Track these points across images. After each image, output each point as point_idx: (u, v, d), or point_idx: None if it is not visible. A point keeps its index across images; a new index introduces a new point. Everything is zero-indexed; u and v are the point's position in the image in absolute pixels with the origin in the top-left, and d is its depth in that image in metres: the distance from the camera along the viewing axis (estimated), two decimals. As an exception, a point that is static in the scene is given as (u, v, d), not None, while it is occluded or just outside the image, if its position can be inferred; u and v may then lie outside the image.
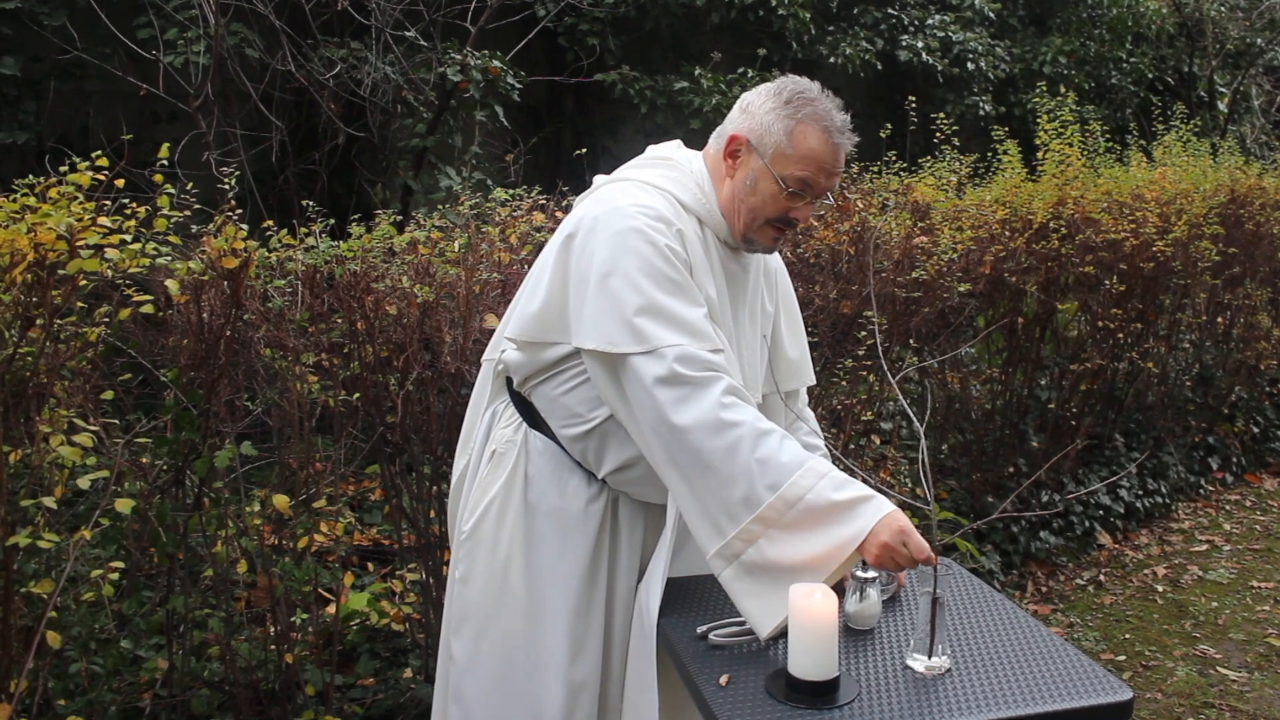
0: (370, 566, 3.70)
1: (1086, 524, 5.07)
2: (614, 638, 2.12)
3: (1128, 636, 4.25)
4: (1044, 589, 4.66)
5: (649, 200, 2.01)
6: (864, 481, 1.94)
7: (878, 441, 4.26)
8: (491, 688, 2.10)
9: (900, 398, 2.42)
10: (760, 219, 2.04)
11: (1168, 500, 5.61)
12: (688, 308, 1.92)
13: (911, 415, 2.03)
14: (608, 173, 2.29)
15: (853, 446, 3.97)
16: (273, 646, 2.86)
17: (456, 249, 3.12)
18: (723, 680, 1.85)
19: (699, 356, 1.87)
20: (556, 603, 2.06)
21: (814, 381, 2.39)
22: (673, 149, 2.23)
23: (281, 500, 2.70)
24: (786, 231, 2.08)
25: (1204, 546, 5.24)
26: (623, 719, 2.09)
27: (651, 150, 2.25)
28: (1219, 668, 3.98)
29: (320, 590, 3.03)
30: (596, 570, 2.08)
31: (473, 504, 2.15)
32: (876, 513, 1.83)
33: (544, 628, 2.06)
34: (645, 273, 1.91)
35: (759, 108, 2.04)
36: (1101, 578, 4.81)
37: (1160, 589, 4.72)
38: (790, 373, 2.28)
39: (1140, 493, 5.44)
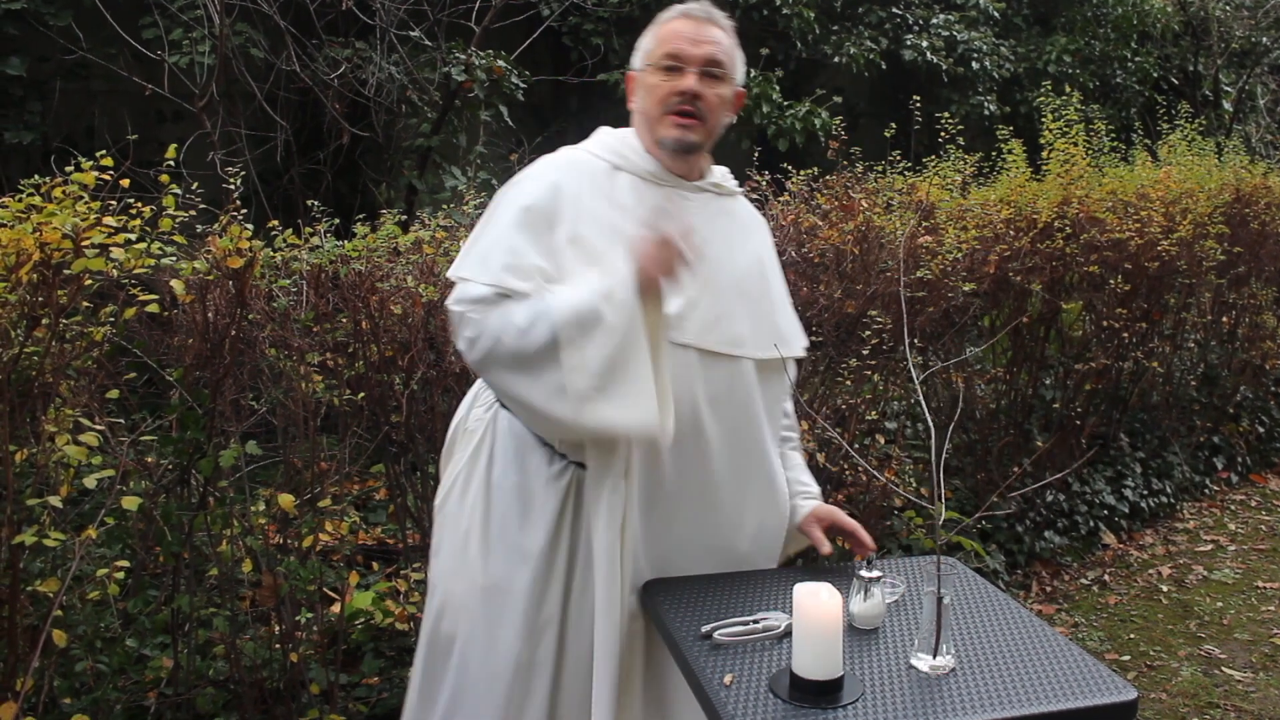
0: (375, 566, 3.70)
1: (1091, 524, 5.07)
2: (571, 620, 2.07)
3: (1132, 636, 4.25)
4: (1048, 589, 4.66)
5: (547, 160, 2.11)
6: (866, 478, 1.97)
7: (882, 441, 4.26)
8: (454, 660, 2.10)
9: (922, 400, 2.41)
10: (655, 114, 2.06)
11: (1173, 500, 5.60)
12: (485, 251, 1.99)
13: (928, 417, 2.04)
14: None
15: (857, 446, 3.97)
16: (278, 645, 2.86)
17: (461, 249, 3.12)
18: (726, 680, 1.86)
19: (471, 293, 1.95)
20: (513, 581, 2.04)
21: (797, 354, 2.28)
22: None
23: (287, 499, 2.70)
24: (688, 120, 2.05)
25: (1209, 546, 5.23)
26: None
27: None
28: (1224, 668, 3.98)
29: (325, 589, 3.03)
30: (556, 550, 2.05)
31: (443, 479, 2.19)
32: (622, 269, 1.90)
33: (498, 604, 2.05)
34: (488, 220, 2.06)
35: (641, 44, 2.13)
36: (1106, 577, 4.80)
37: (1165, 589, 4.71)
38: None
39: (1145, 492, 5.43)
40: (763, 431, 2.16)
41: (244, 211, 2.67)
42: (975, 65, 8.39)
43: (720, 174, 2.21)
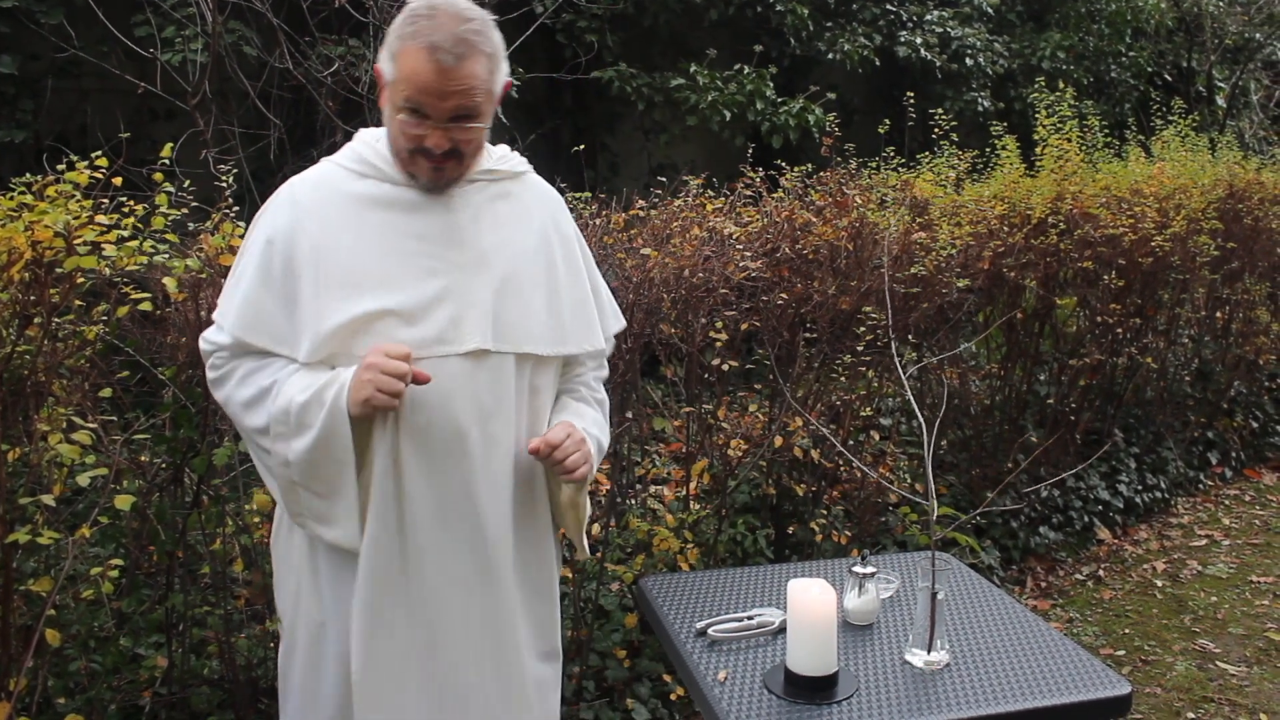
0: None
1: (1086, 519, 5.07)
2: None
3: (1127, 631, 4.25)
4: (1043, 584, 4.66)
5: (293, 184, 1.94)
6: (860, 474, 1.94)
7: (877, 437, 4.26)
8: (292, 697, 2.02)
9: (910, 397, 2.40)
10: (403, 152, 1.85)
11: (1167, 495, 5.61)
12: (231, 293, 1.90)
13: (918, 412, 2.03)
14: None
15: (852, 442, 3.98)
16: (272, 644, 2.86)
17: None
18: (720, 676, 1.86)
19: (217, 337, 1.90)
20: (334, 624, 1.91)
21: (589, 348, 2.05)
22: None
23: (263, 500, 2.70)
24: (445, 163, 1.84)
25: (1203, 541, 5.24)
26: None
27: None
28: (1218, 662, 3.98)
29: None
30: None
31: (276, 512, 2.06)
32: (342, 381, 1.79)
33: (327, 640, 1.92)
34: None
35: (389, 35, 1.84)
36: (1101, 573, 4.81)
37: (1159, 584, 4.72)
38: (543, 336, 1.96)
39: (1140, 488, 5.44)
40: (522, 434, 1.96)
41: (237, 209, 2.67)
42: (969, 61, 8.39)
43: (496, 156, 2.01)
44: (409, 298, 1.84)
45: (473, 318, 1.87)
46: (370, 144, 1.94)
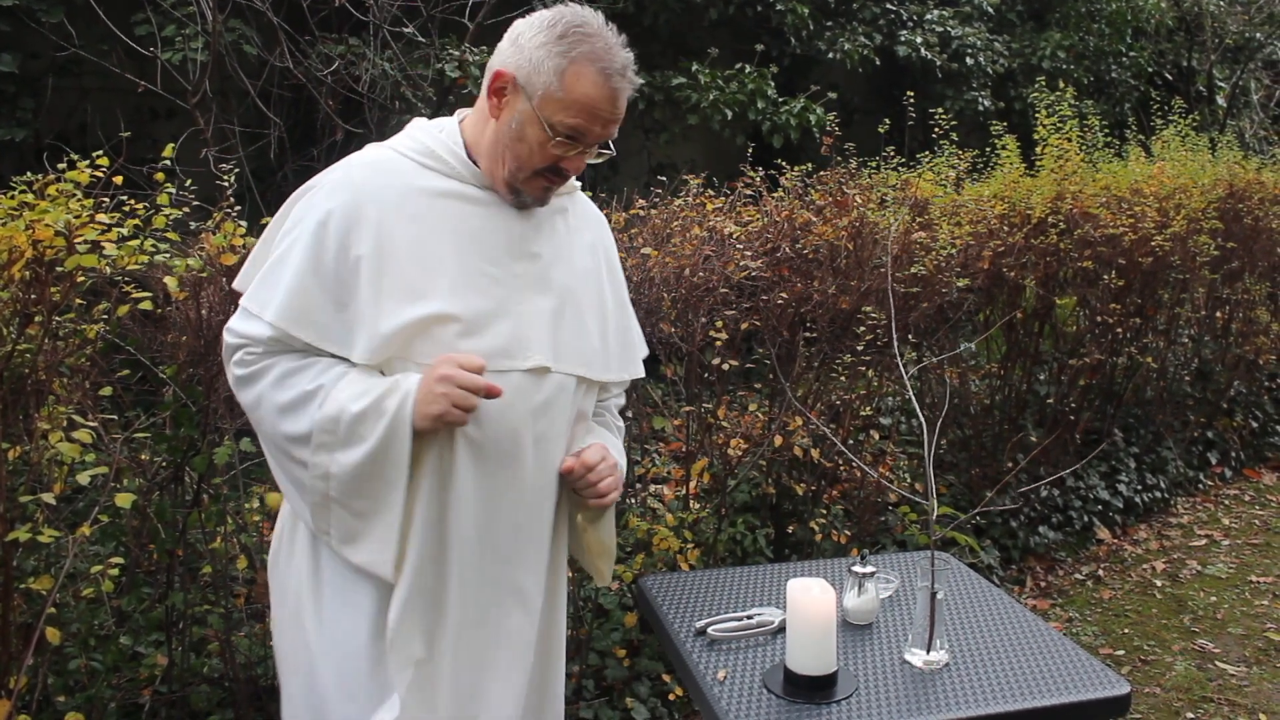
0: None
1: (1085, 519, 5.08)
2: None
3: (1126, 631, 4.26)
4: (1043, 584, 4.67)
5: (349, 164, 1.80)
6: (860, 473, 1.93)
7: (877, 437, 4.26)
8: None
9: (911, 396, 2.39)
10: (527, 169, 1.76)
11: (1167, 495, 5.61)
12: (270, 279, 1.73)
13: (919, 412, 2.03)
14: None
15: (851, 442, 3.98)
16: (271, 643, 2.86)
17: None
18: (720, 675, 1.86)
19: (251, 330, 1.73)
20: (351, 639, 1.78)
21: (628, 377, 2.01)
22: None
23: (274, 498, 2.70)
24: (549, 184, 1.79)
25: (1203, 541, 5.24)
26: None
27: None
28: (1217, 662, 3.99)
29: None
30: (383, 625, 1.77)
31: (273, 535, 1.93)
32: (406, 390, 1.68)
33: (339, 668, 1.79)
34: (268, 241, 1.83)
35: (529, 41, 1.73)
36: (1100, 573, 4.81)
37: (1159, 584, 4.72)
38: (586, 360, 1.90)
39: (1139, 488, 5.44)
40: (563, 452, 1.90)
41: (237, 208, 2.67)
42: (969, 61, 8.40)
43: None
44: (471, 305, 1.74)
45: (534, 334, 1.79)
46: (434, 135, 1.83)
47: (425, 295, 1.71)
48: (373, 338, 1.69)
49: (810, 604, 1.75)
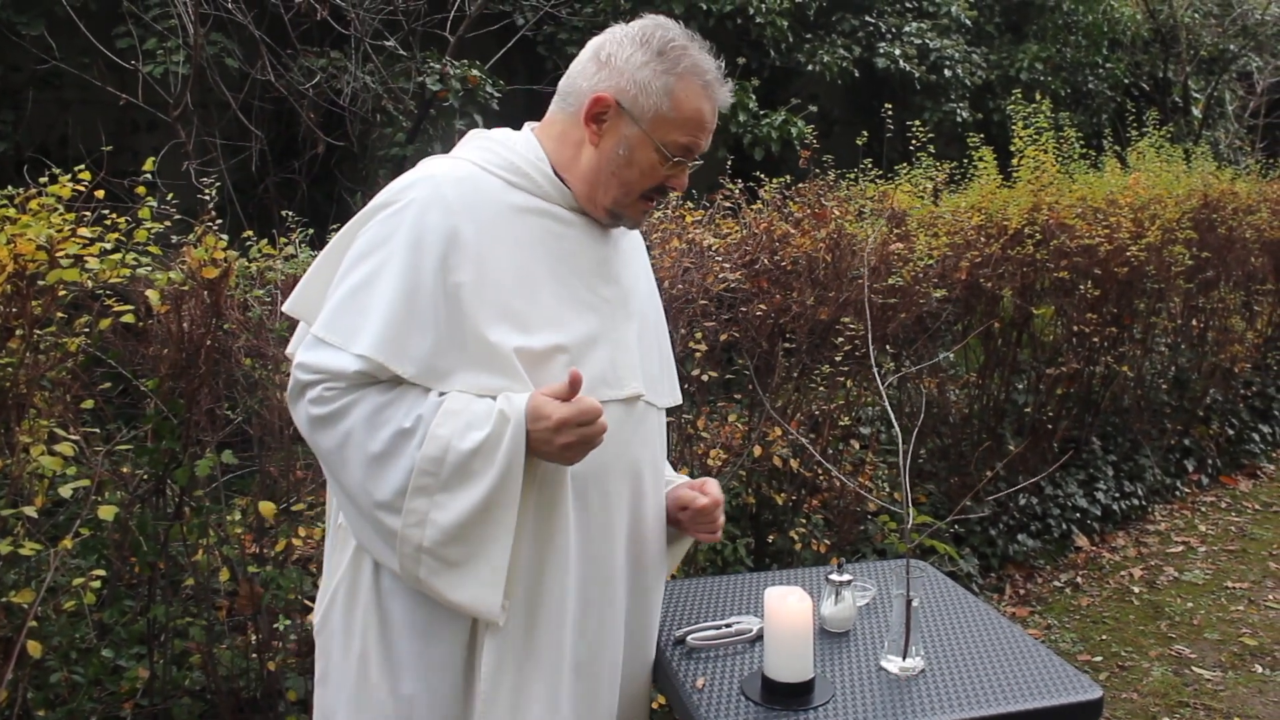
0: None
1: (1064, 527, 5.12)
2: None
3: (1104, 638, 4.29)
4: (1022, 591, 4.70)
5: (433, 180, 1.64)
6: (839, 482, 1.94)
7: (857, 446, 4.29)
8: None
9: (887, 406, 2.40)
10: (635, 193, 1.69)
11: (1144, 503, 5.66)
12: (356, 304, 1.59)
13: (894, 422, 2.05)
14: None
15: (831, 451, 4.01)
16: (254, 655, 2.87)
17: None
18: (699, 683, 1.88)
19: (331, 363, 1.57)
20: (430, 697, 1.64)
21: (674, 403, 1.94)
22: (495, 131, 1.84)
23: (268, 507, 2.71)
24: (660, 202, 1.77)
25: (1180, 548, 5.29)
26: None
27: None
28: (1194, 667, 4.03)
29: (303, 598, 3.04)
30: (474, 650, 1.65)
31: (321, 590, 1.79)
32: (516, 423, 1.54)
33: None
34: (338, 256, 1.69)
35: (626, 61, 1.66)
36: (1079, 580, 4.85)
37: (1136, 590, 4.76)
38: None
39: (1117, 495, 5.49)
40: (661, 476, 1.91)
41: (219, 221, 2.68)
42: (947, 73, 8.47)
43: None
44: (575, 333, 1.66)
45: (627, 361, 1.73)
46: (516, 150, 1.72)
47: (530, 322, 1.62)
48: (478, 371, 1.57)
49: (787, 612, 1.77)
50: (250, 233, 3.07)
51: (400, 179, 1.67)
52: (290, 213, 3.38)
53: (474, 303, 1.57)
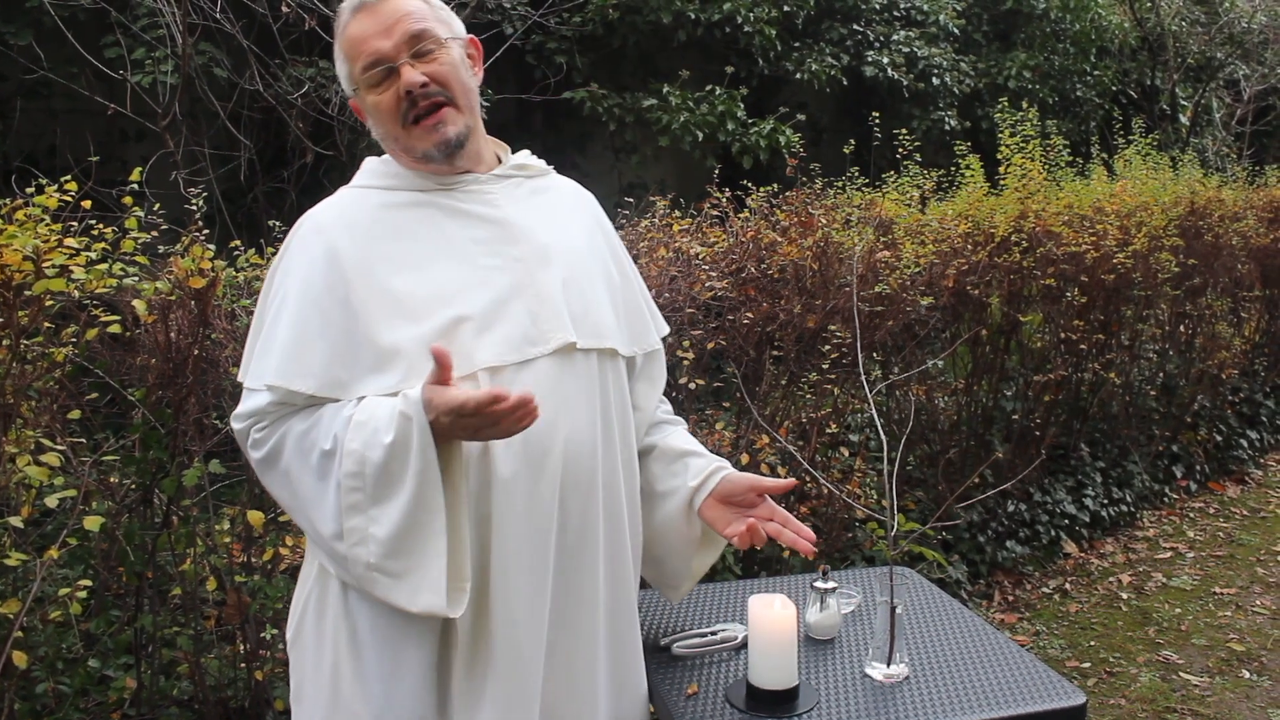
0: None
1: (1052, 533, 5.13)
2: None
3: (1092, 644, 4.31)
4: (1010, 598, 4.72)
5: (311, 218, 1.73)
6: (827, 491, 1.95)
7: (846, 453, 4.30)
8: None
9: (874, 413, 2.41)
10: (399, 133, 1.71)
11: (1133, 509, 5.68)
12: (262, 347, 1.66)
13: (880, 430, 2.06)
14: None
15: (820, 459, 4.02)
16: (242, 664, 2.87)
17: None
18: (690, 690, 1.89)
19: (249, 405, 1.65)
20: (404, 698, 1.63)
21: (639, 351, 1.91)
22: None
23: (256, 516, 2.71)
24: (439, 112, 1.69)
25: (1168, 554, 5.31)
26: None
27: None
28: (1181, 673, 4.04)
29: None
30: (449, 647, 1.64)
31: (293, 605, 1.78)
32: (419, 420, 1.53)
33: None
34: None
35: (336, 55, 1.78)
36: (1067, 586, 4.87)
37: (1125, 596, 4.78)
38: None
39: (1105, 501, 5.51)
40: (627, 433, 1.86)
41: (207, 231, 2.69)
42: (935, 81, 8.50)
43: (523, 156, 1.88)
44: (479, 299, 1.65)
45: (549, 312, 1.69)
46: (383, 162, 1.79)
47: (420, 309, 1.62)
48: (376, 373, 1.59)
49: (771, 619, 1.78)
50: (239, 242, 3.07)
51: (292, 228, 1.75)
52: (278, 222, 3.39)
53: (365, 307, 1.61)
